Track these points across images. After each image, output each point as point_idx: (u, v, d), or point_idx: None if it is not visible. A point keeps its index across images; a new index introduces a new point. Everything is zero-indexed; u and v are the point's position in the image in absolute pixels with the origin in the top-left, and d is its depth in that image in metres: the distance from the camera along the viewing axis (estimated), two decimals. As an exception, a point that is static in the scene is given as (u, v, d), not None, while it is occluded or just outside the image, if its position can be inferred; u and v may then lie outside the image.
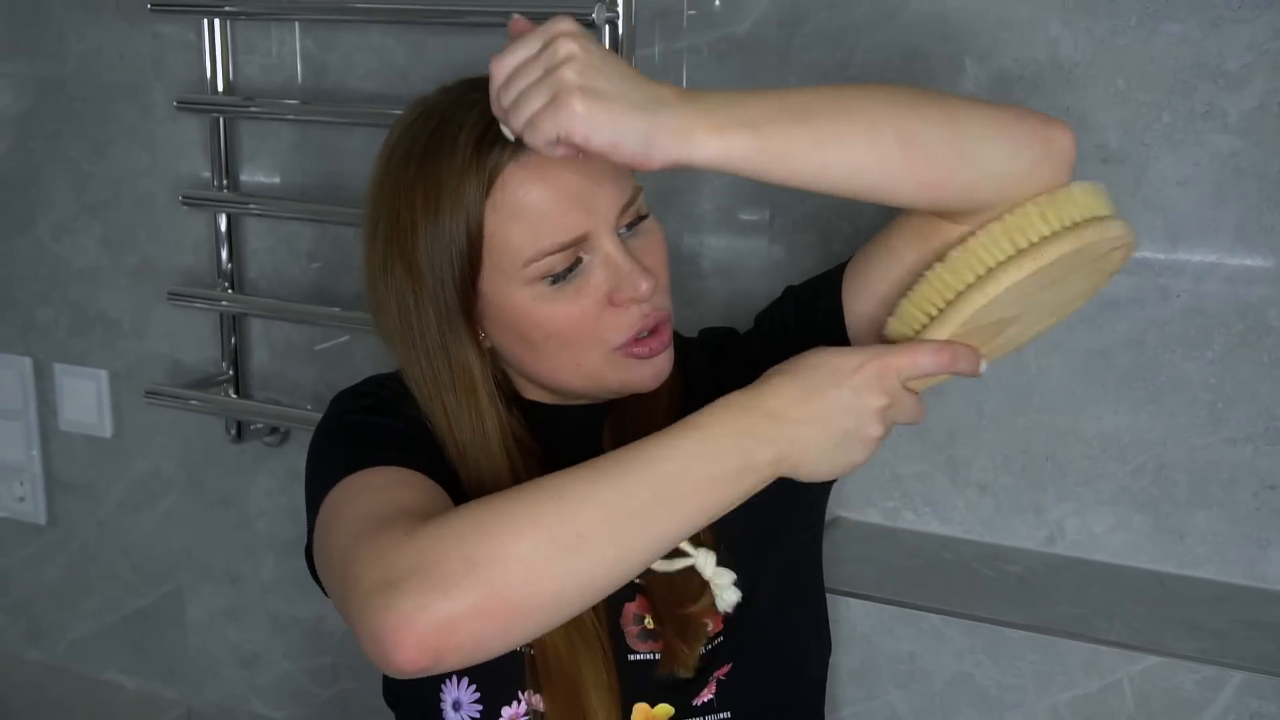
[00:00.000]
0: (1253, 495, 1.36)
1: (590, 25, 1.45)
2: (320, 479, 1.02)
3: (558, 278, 1.01)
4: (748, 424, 0.90)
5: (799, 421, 0.90)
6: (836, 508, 1.54)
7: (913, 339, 0.96)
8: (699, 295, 1.56)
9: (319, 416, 1.71)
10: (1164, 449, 1.39)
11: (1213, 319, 1.35)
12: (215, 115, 1.73)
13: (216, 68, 1.72)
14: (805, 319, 1.12)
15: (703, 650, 1.06)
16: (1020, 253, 0.92)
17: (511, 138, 0.94)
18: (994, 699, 1.31)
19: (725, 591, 1.02)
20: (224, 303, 1.78)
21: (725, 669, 1.08)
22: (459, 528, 0.86)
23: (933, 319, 0.95)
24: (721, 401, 0.91)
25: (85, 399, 1.99)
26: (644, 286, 1.01)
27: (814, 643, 1.19)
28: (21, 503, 2.08)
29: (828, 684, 1.24)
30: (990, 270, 0.93)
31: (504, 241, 0.99)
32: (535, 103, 0.88)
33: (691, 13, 1.50)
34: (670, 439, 0.89)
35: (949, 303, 0.94)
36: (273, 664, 1.97)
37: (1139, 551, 1.42)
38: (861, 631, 1.36)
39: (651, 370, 1.05)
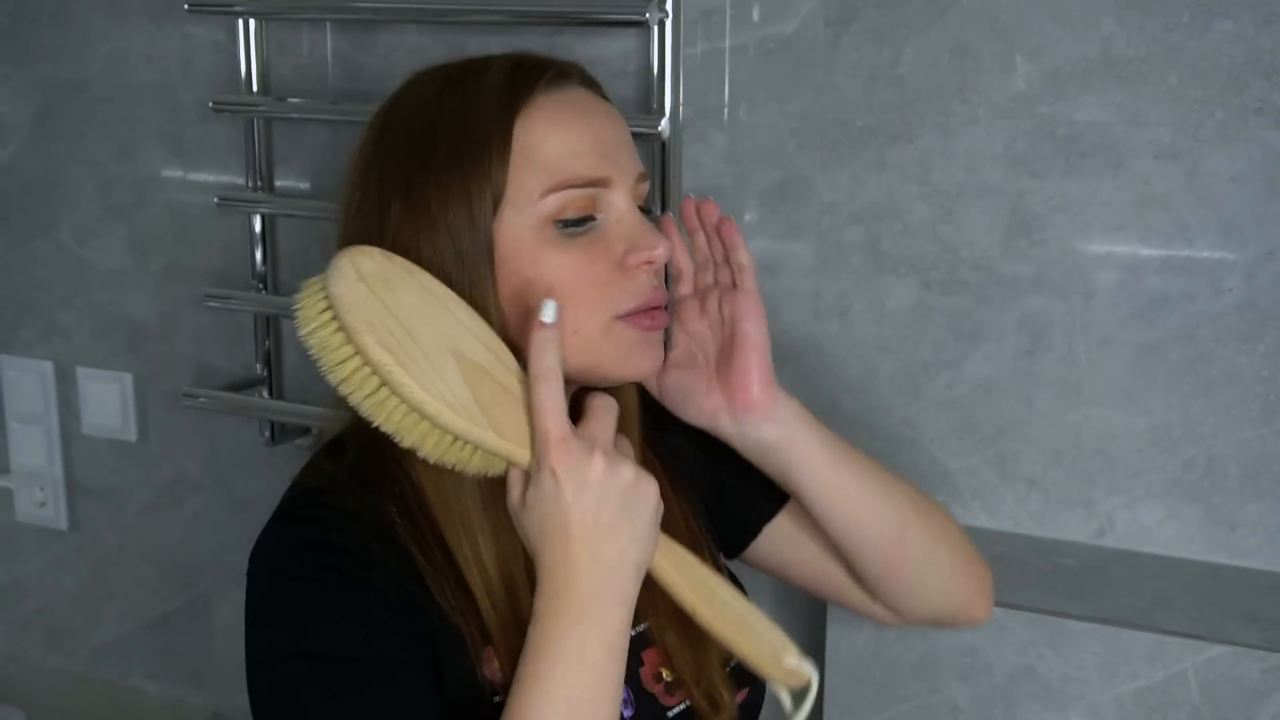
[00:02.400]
0: (1305, 487, 1.38)
1: (643, 25, 1.46)
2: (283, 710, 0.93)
3: (569, 224, 0.97)
4: (573, 612, 0.89)
5: (591, 560, 0.90)
6: (884, 503, 1.55)
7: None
8: (744, 293, 1.56)
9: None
10: (1215, 441, 1.41)
11: (1265, 312, 1.36)
12: (251, 116, 1.71)
13: (252, 68, 1.71)
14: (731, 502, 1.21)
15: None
16: None
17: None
18: (1057, 691, 1.32)
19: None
20: (258, 304, 1.77)
21: None
22: None
23: None
24: (545, 625, 0.89)
25: (109, 403, 1.97)
26: (660, 249, 0.99)
27: None
28: (42, 508, 2.06)
29: (890, 676, 1.26)
30: None
31: (524, 168, 0.96)
32: None
33: (736, 12, 1.51)
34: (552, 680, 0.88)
35: None
36: (303, 667, 1.96)
37: (1190, 543, 1.43)
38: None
39: (650, 357, 1.01)
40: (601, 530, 0.89)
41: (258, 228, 1.75)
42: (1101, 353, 1.43)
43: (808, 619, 1.53)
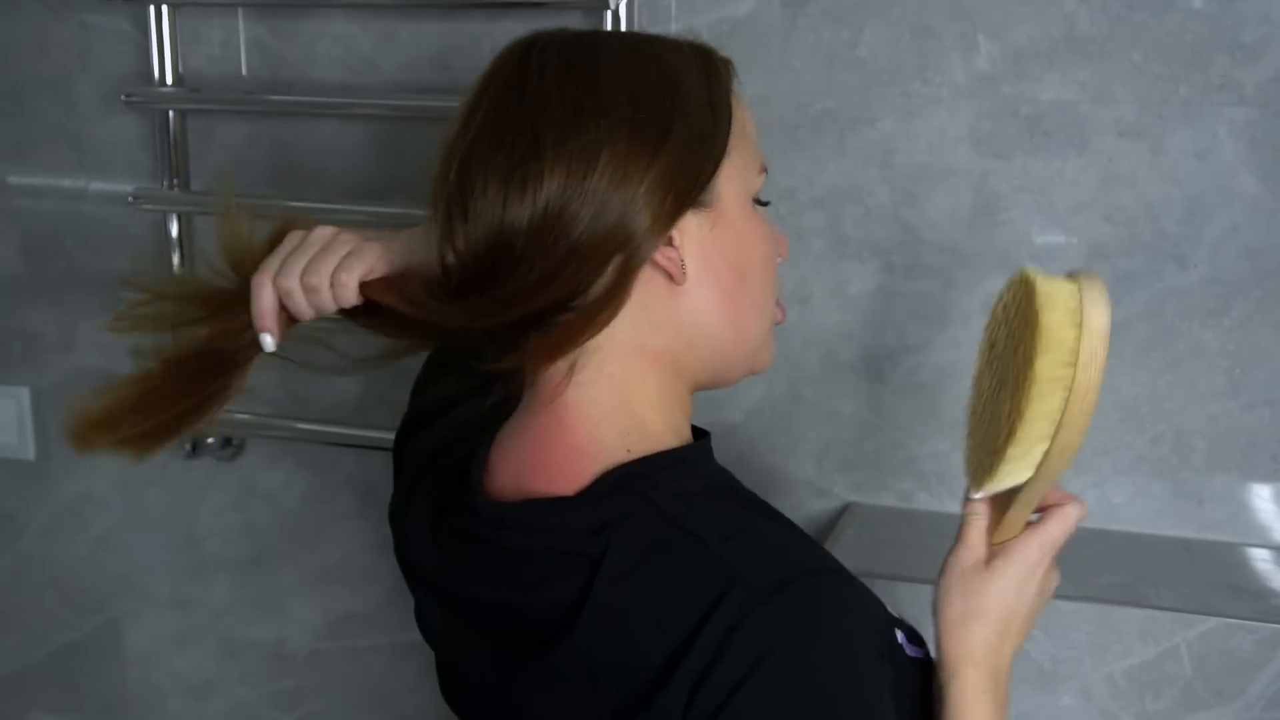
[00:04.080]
0: (1270, 458, 1.40)
1: (601, 9, 1.41)
2: None
3: (760, 204, 0.94)
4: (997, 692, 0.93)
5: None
6: (848, 493, 1.53)
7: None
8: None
9: (285, 424, 1.64)
10: (1182, 416, 1.42)
11: (1230, 287, 1.38)
12: (165, 110, 1.61)
13: (165, 59, 1.61)
14: None
15: None
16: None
17: None
18: (1048, 672, 1.31)
19: None
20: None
21: None
22: None
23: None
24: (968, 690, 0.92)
25: (3, 420, 1.85)
26: (786, 247, 0.98)
27: None
28: (-73, 536, 1.92)
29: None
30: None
31: (740, 138, 0.91)
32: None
33: (685, -7, 1.47)
34: None
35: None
36: (226, 692, 1.86)
37: (1159, 519, 1.44)
38: (910, 615, 1.34)
39: (773, 348, 0.98)
40: (1026, 626, 0.96)
41: (174, 228, 1.65)
42: (1067, 332, 1.43)
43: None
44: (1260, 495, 1.41)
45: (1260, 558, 1.39)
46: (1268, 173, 1.35)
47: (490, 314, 0.87)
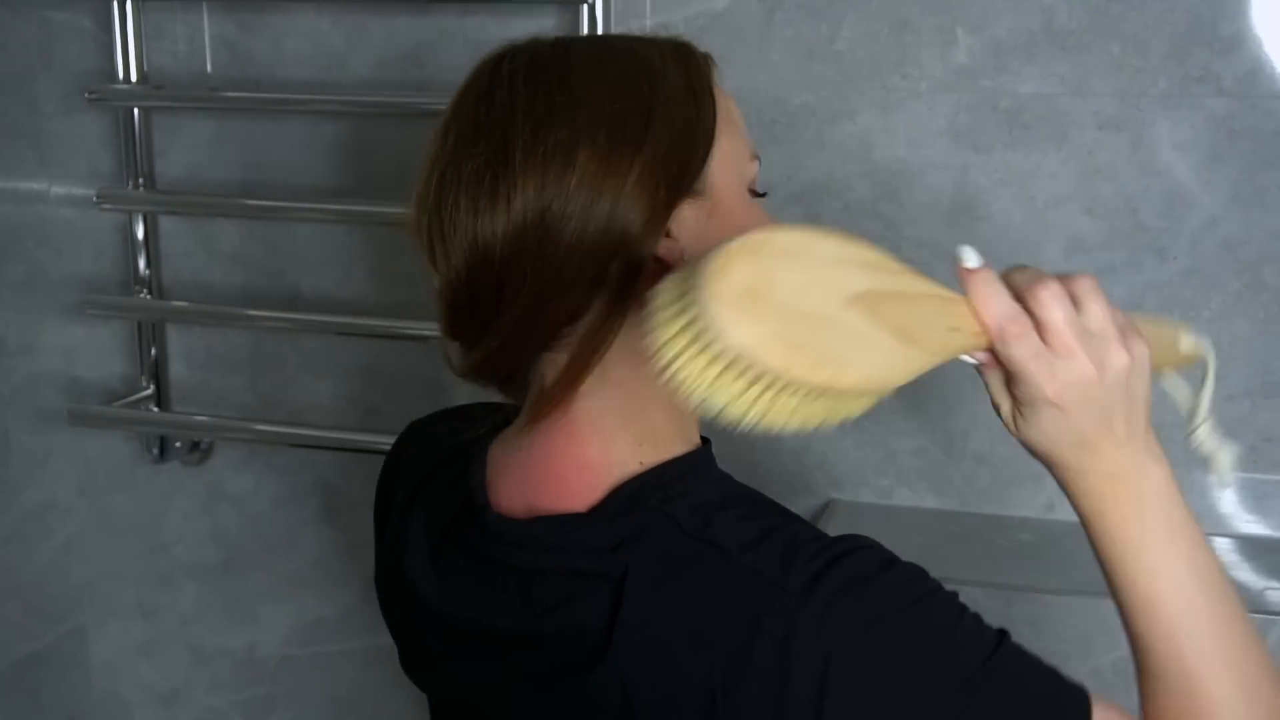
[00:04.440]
0: (1251, 449, 1.40)
1: (581, 2, 1.39)
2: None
3: (756, 195, 0.89)
4: (1120, 493, 0.86)
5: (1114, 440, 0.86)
6: (828, 490, 1.52)
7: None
8: (677, 280, 1.51)
9: (254, 426, 1.61)
10: (1162, 408, 1.41)
11: (1209, 279, 1.38)
12: (130, 108, 1.58)
13: (129, 55, 1.58)
14: None
15: None
16: None
17: None
18: (1035, 667, 1.31)
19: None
20: (145, 310, 1.63)
21: None
22: None
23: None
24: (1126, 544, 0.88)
25: (-38, 427, 1.80)
26: None
27: None
28: (-116, 546, 1.88)
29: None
30: None
31: (727, 123, 0.87)
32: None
33: (661, -13, 1.46)
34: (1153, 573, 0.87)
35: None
36: (195, 700, 1.83)
37: (1139, 511, 1.44)
38: (896, 611, 1.34)
39: None
40: (1115, 409, 0.85)
41: (140, 228, 1.62)
42: (1048, 326, 1.43)
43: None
44: (1240, 487, 1.41)
45: (1242, 549, 1.40)
46: (1247, 165, 1.35)
47: (498, 359, 0.84)
